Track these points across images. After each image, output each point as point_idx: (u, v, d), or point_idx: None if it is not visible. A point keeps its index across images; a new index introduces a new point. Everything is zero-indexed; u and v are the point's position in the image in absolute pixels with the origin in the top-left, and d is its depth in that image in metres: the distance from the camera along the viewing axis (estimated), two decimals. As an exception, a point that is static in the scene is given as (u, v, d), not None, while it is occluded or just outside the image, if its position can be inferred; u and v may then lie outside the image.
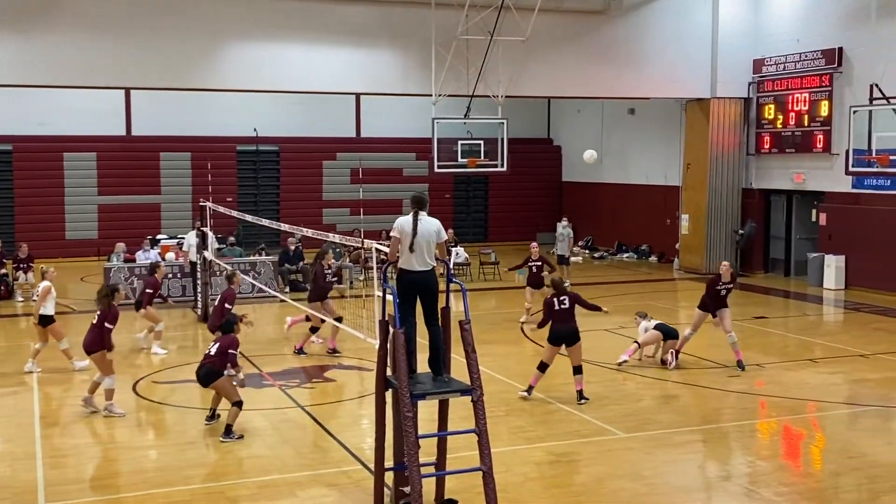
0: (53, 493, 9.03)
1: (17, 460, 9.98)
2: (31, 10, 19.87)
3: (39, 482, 9.32)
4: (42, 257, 23.90)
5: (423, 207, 8.46)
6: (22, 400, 12.57)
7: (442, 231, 8.52)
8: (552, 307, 12.16)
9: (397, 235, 8.38)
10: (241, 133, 29.88)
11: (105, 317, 11.68)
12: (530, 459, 9.98)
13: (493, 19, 21.06)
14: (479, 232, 32.82)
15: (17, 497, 8.90)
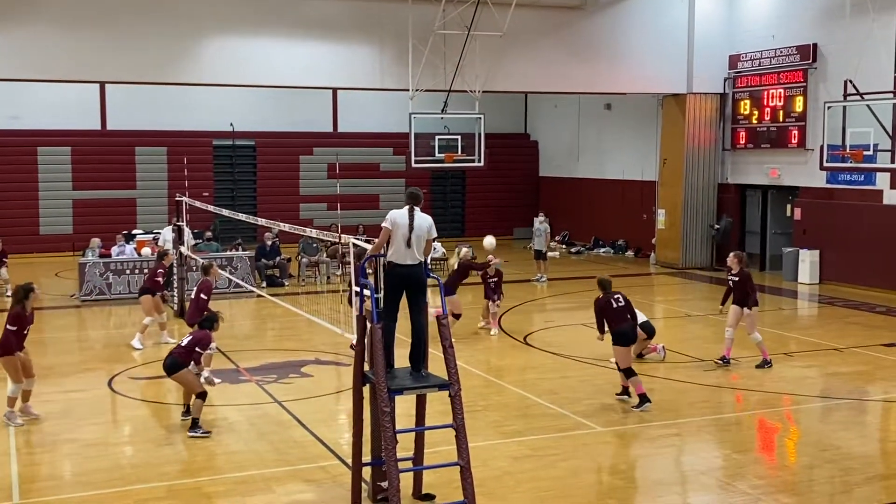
0: (28, 490, 8.95)
1: (-9, 457, 9.89)
2: (6, 4, 19.62)
3: (13, 479, 9.24)
4: (16, 253, 23.67)
5: (418, 203, 8.49)
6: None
7: (433, 228, 8.53)
8: (610, 307, 11.68)
9: (389, 227, 8.36)
10: (217, 128, 29.70)
11: (8, 318, 11.13)
12: (507, 454, 10.00)
13: (470, 14, 21.05)
14: (457, 227, 32.82)
15: (-10, 494, 8.83)
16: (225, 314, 18.81)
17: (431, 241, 8.55)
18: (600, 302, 11.82)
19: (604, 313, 11.75)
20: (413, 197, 8.52)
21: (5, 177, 27.64)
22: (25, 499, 8.74)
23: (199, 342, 10.88)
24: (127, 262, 20.34)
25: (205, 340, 10.94)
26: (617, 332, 11.66)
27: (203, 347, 10.92)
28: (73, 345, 16.21)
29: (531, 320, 18.30)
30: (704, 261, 25.74)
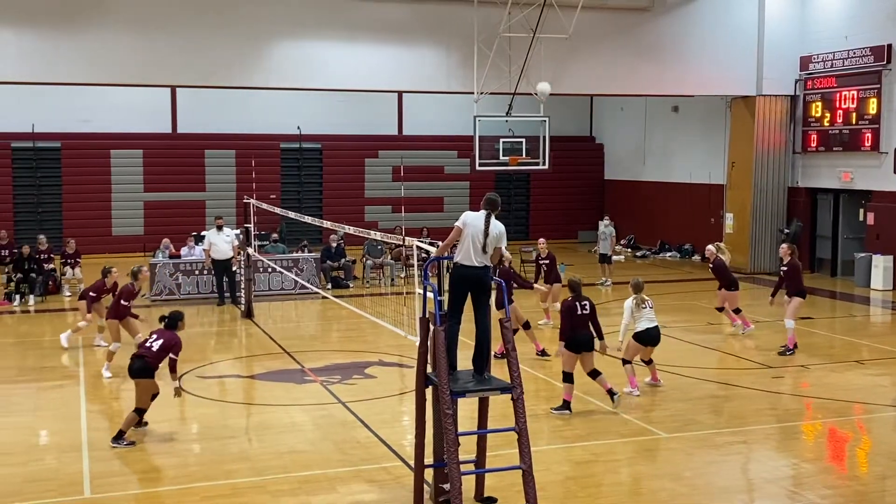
0: (98, 485, 9.18)
1: (64, 452, 10.17)
2: (78, 10, 20.19)
3: (85, 474, 9.48)
4: (89, 253, 24.31)
5: (496, 210, 8.52)
6: (69, 393, 12.80)
7: (504, 237, 8.56)
8: (574, 312, 11.64)
9: (461, 227, 8.40)
10: (285, 131, 30.12)
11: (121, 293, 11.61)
12: (570, 458, 9.95)
13: (535, 16, 20.98)
14: (521, 230, 32.73)
15: (63, 488, 9.07)
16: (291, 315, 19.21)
17: (500, 250, 8.57)
18: (567, 304, 11.69)
19: (570, 316, 11.59)
20: (491, 203, 8.55)
21: (79, 179, 28.41)
22: (96, 493, 8.96)
23: (170, 347, 10.55)
24: (196, 263, 20.74)
25: (177, 346, 10.61)
26: (573, 337, 11.55)
27: (176, 353, 10.59)
28: (143, 343, 16.55)
29: (595, 324, 18.13)
30: (773, 266, 25.22)
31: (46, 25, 20.06)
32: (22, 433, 10.91)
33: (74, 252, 21.56)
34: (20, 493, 8.93)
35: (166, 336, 10.74)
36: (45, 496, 8.86)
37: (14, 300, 19.92)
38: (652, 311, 12.48)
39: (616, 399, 11.66)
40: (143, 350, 10.76)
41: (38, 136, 27.93)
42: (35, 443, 10.71)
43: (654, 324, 12.42)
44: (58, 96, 26.56)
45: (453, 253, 8.55)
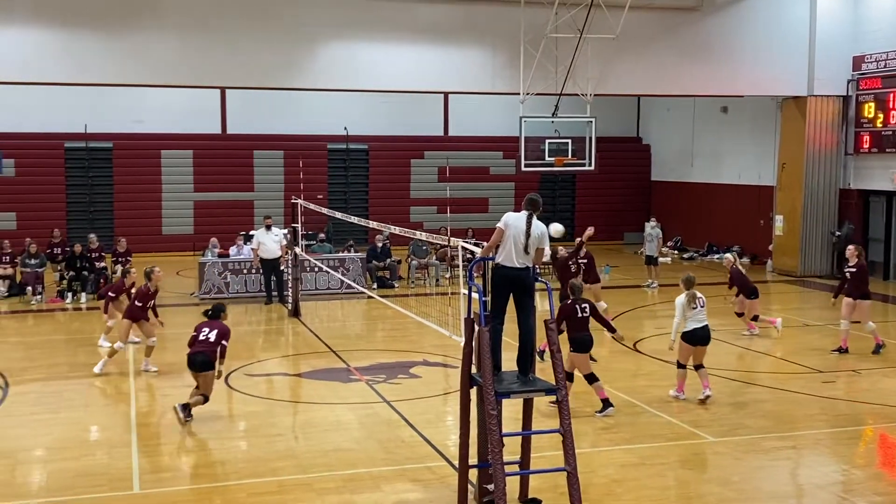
0: (147, 480, 9.33)
1: (114, 448, 10.34)
2: (130, 12, 20.53)
3: (134, 470, 9.63)
4: (139, 252, 24.69)
5: (537, 210, 8.51)
6: (118, 389, 13.02)
7: (546, 237, 8.52)
8: (575, 315, 11.52)
9: (503, 228, 8.40)
10: (332, 132, 30.33)
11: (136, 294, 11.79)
12: (615, 461, 9.88)
13: (582, 17, 20.88)
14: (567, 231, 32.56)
15: (112, 483, 9.23)
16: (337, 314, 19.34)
17: (543, 251, 8.55)
18: (567, 307, 11.64)
19: (567, 318, 11.54)
20: (533, 203, 8.54)
21: (131, 179, 28.88)
22: (145, 489, 9.10)
23: (224, 335, 11.25)
24: (244, 262, 20.97)
25: (228, 334, 11.34)
26: (576, 339, 11.53)
27: (227, 340, 11.28)
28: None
29: (641, 326, 18.02)
30: (824, 268, 24.83)
31: (100, 28, 20.43)
32: (73, 428, 11.13)
33: (125, 251, 21.91)
34: (72, 487, 9.11)
35: (219, 326, 11.29)
36: (95, 491, 9.02)
37: (66, 298, 20.31)
38: (703, 310, 12.10)
39: (608, 411, 11.42)
40: (202, 345, 11.19)
41: (90, 137, 28.45)
42: (86, 438, 10.91)
43: (702, 324, 12.08)
44: (110, 97, 27.01)
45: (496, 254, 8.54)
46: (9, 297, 20.70)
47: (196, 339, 11.33)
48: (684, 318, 12.07)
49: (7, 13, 19.37)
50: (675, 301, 12.21)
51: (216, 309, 11.54)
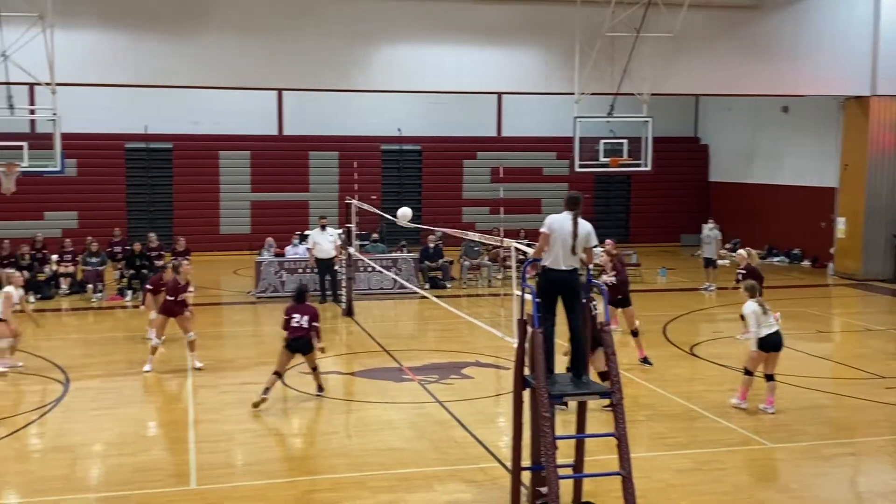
0: (204, 476, 9.44)
1: (171, 444, 10.50)
2: (187, 15, 20.86)
3: (191, 465, 9.76)
4: (197, 251, 25.04)
5: (580, 208, 8.42)
6: (176, 386, 13.22)
7: (592, 236, 8.44)
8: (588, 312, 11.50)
9: (548, 232, 8.32)
10: (386, 133, 30.46)
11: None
12: (671, 466, 9.75)
13: (639, 16, 20.67)
14: (621, 233, 32.28)
15: (170, 479, 9.36)
16: (390, 314, 19.41)
17: (591, 250, 8.46)
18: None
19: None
20: (575, 202, 8.43)
21: (190, 179, 29.34)
22: (201, 485, 9.22)
23: (315, 317, 12.12)
24: (299, 262, 21.15)
25: (317, 314, 12.26)
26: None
27: (318, 321, 12.20)
28: (248, 339, 16.99)
29: (698, 330, 17.77)
30: (887, 272, 24.22)
31: (160, 31, 20.79)
32: (131, 424, 11.32)
33: (184, 249, 22.22)
34: (130, 482, 9.25)
35: (309, 311, 12.15)
36: (153, 486, 9.15)
37: (126, 295, 20.69)
38: (772, 315, 11.76)
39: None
40: (299, 331, 12.00)
41: (150, 138, 28.96)
42: (144, 434, 11.08)
43: (774, 329, 11.62)
44: (170, 99, 27.47)
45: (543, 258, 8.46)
46: (70, 294, 21.16)
47: (289, 323, 12.07)
48: (758, 325, 11.56)
49: (72, 17, 19.81)
50: (745, 310, 11.71)
51: (301, 291, 12.46)
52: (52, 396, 12.44)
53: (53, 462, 9.85)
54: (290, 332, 12.07)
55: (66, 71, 19.17)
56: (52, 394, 12.58)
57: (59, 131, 18.55)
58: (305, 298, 12.42)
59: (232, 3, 21.12)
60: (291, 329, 12.08)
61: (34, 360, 14.20)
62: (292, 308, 12.23)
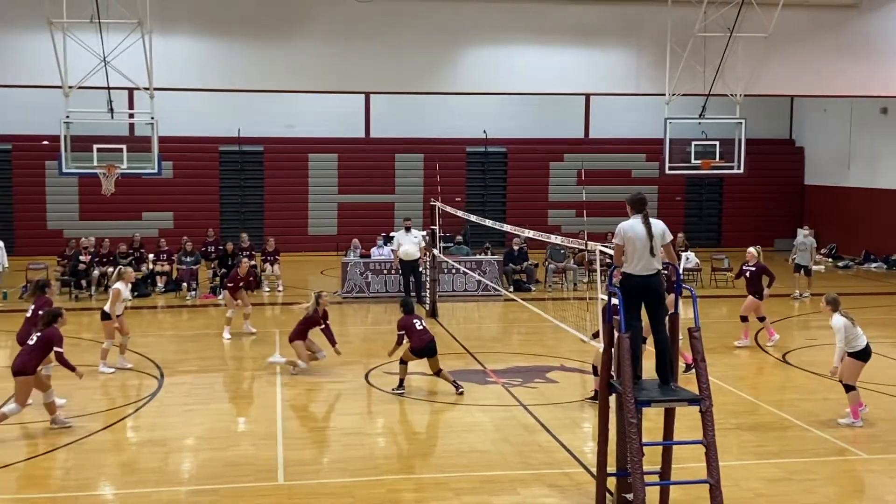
0: (291, 472, 9.60)
1: (260, 440, 10.70)
2: (280, 21, 21.32)
3: (279, 461, 9.94)
4: (287, 251, 25.51)
5: (646, 207, 8.33)
6: (265, 382, 13.48)
7: (668, 232, 8.34)
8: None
9: (621, 243, 8.24)
10: (471, 135, 30.51)
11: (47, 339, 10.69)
12: (761, 475, 9.50)
13: (732, 15, 20.26)
14: (712, 237, 31.68)
15: (258, 474, 9.54)
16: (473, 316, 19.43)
17: (670, 246, 8.33)
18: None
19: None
20: (642, 203, 8.37)
21: (280, 181, 29.92)
22: (289, 481, 9.37)
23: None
24: (385, 263, 21.35)
25: None
26: None
27: None
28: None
29: (791, 337, 17.28)
30: None
31: (253, 37, 21.29)
32: (222, 420, 11.59)
33: (274, 250, 22.70)
34: (219, 476, 9.48)
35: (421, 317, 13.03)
36: (241, 481, 9.35)
37: (218, 294, 21.20)
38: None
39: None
40: (427, 335, 12.63)
41: (243, 141, 29.63)
42: (234, 429, 11.33)
43: (866, 339, 11.26)
44: (262, 103, 28.08)
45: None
46: (165, 292, 21.80)
47: (415, 329, 12.61)
48: (849, 338, 11.14)
49: (169, 23, 20.43)
50: (833, 324, 11.24)
51: (410, 304, 13.19)
52: (148, 391, 12.83)
53: (147, 455, 10.15)
54: (419, 338, 12.52)
55: (164, 76, 19.79)
56: (147, 389, 12.98)
57: (156, 134, 19.15)
58: (414, 309, 13.17)
59: (322, 10, 21.49)
60: (418, 333, 12.56)
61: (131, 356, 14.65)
62: (410, 318, 12.72)
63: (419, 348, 12.52)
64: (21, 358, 10.64)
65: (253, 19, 21.32)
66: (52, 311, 11.00)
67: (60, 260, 22.21)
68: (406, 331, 12.69)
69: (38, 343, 10.66)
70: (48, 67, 18.87)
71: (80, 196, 28.25)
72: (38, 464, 9.84)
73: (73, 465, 9.83)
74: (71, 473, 9.59)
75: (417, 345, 12.52)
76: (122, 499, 9.00)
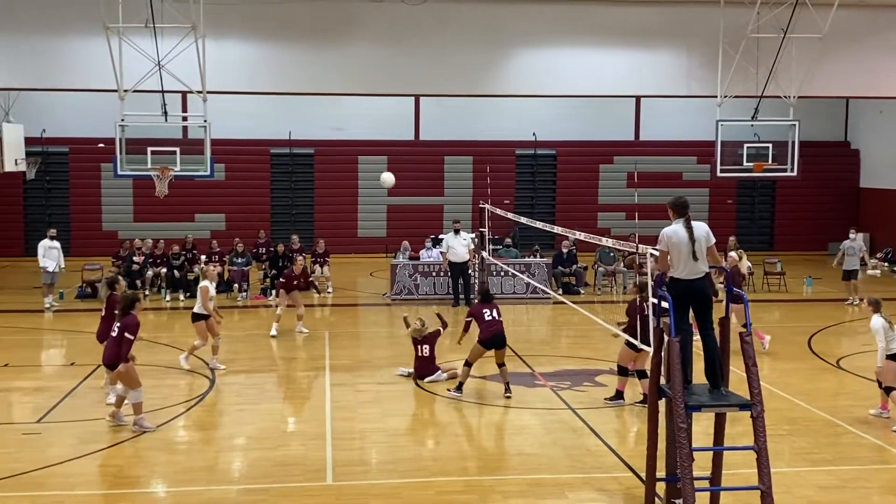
0: (340, 473, 9.67)
1: (309, 440, 10.79)
2: (330, 25, 21.51)
3: (328, 462, 10.02)
4: (336, 253, 25.70)
5: (688, 211, 8.29)
6: (315, 384, 13.60)
7: (710, 234, 8.30)
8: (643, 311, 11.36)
9: (665, 249, 8.21)
10: (521, 137, 30.45)
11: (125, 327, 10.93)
12: (814, 483, 9.35)
13: (786, 15, 19.96)
14: (765, 240, 31.21)
15: (307, 474, 9.63)
16: (522, 318, 19.40)
17: (714, 248, 8.27)
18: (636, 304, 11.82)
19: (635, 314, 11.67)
20: (684, 207, 8.37)
21: (330, 183, 30.15)
22: (337, 481, 9.45)
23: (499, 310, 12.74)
24: (433, 265, 21.40)
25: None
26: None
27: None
28: (383, 340, 17.30)
29: (845, 343, 16.98)
30: None
31: (304, 40, 21.52)
32: (272, 419, 11.71)
33: (324, 251, 22.89)
34: (269, 475, 9.58)
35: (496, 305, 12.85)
36: (291, 480, 9.44)
37: (269, 295, 21.43)
38: None
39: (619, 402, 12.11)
40: (498, 325, 12.55)
41: (294, 143, 29.92)
42: (284, 429, 11.43)
43: None
44: (313, 106, 28.34)
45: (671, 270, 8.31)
46: (217, 293, 22.04)
47: (484, 318, 12.61)
48: (887, 340, 11.23)
49: (222, 27, 20.73)
50: (871, 325, 11.38)
51: (487, 293, 13.41)
52: (199, 391, 13.01)
53: (199, 454, 10.31)
54: (487, 327, 12.53)
55: (216, 79, 20.08)
56: (199, 388, 13.17)
57: (209, 137, 19.45)
58: (492, 297, 13.19)
59: (372, 14, 21.63)
60: (487, 323, 12.54)
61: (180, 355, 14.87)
62: (482, 306, 12.76)
63: (486, 339, 12.49)
64: (109, 351, 11.18)
65: (304, 23, 21.54)
66: (130, 297, 11.32)
67: (115, 261, 22.63)
68: (475, 318, 12.83)
69: (119, 332, 10.98)
70: (104, 72, 19.27)
71: (134, 198, 28.77)
72: (93, 461, 10.04)
73: (125, 462, 10.02)
74: (124, 471, 9.77)
75: (485, 335, 12.51)
76: (174, 496, 9.15)
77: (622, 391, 12.27)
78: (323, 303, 21.25)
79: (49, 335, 17.84)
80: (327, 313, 20.21)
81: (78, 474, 9.64)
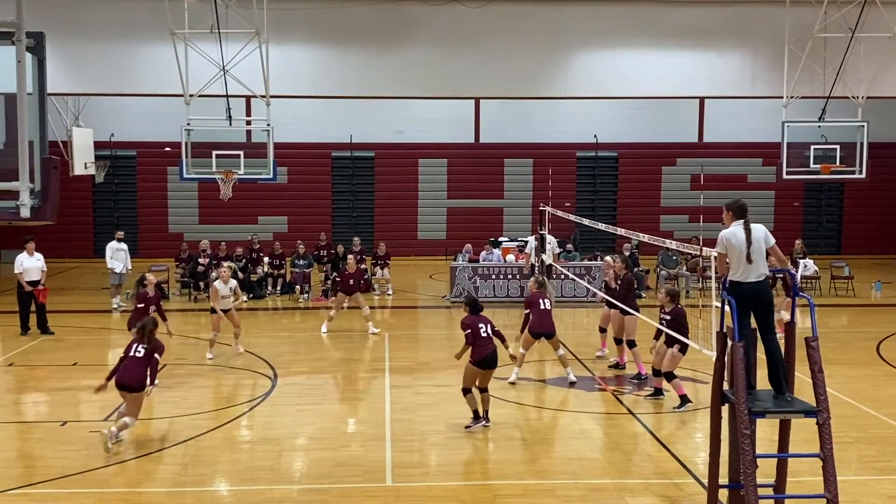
0: (399, 474, 9.71)
1: (369, 441, 10.86)
2: (390, 29, 21.68)
3: (387, 463, 10.07)
4: (397, 255, 25.84)
5: (747, 213, 8.19)
6: (375, 386, 13.68)
7: (769, 235, 8.17)
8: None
9: (723, 252, 8.13)
10: (581, 139, 30.28)
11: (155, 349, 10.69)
12: (882, 492, 9.11)
13: (854, 15, 19.52)
14: (832, 243, 30.54)
15: (367, 475, 9.69)
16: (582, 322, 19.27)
17: (776, 248, 8.12)
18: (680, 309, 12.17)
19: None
20: (743, 210, 8.26)
21: (391, 186, 30.35)
22: (397, 482, 9.49)
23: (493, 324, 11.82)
24: (493, 268, 21.39)
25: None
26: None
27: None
28: (442, 342, 17.31)
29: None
30: None
31: (364, 45, 21.71)
32: (333, 420, 11.81)
33: (384, 254, 23.02)
34: (329, 476, 9.66)
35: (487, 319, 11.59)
36: (350, 481, 9.51)
37: (329, 297, 21.62)
38: None
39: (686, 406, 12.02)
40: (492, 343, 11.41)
41: (355, 147, 30.18)
42: (344, 430, 11.52)
43: None
44: (373, 110, 28.55)
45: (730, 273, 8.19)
46: (280, 294, 22.37)
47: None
48: None
49: (285, 32, 21.02)
50: None
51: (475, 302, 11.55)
52: (261, 391, 13.19)
53: (260, 453, 10.44)
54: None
55: (279, 84, 20.38)
56: (261, 388, 13.35)
57: (272, 141, 19.73)
58: (481, 309, 11.57)
59: (432, 17, 21.73)
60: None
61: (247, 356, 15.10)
62: (476, 319, 11.37)
63: (479, 360, 11.31)
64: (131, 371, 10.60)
65: (364, 28, 21.74)
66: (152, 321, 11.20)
67: (177, 263, 23.07)
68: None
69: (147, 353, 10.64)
70: (171, 77, 19.68)
71: (199, 200, 29.31)
72: (155, 459, 10.24)
73: (189, 461, 10.19)
74: (188, 469, 9.94)
75: (477, 356, 11.37)
76: (236, 495, 9.28)
77: (685, 395, 12.10)
78: (383, 305, 21.38)
79: (116, 335, 18.24)
80: (387, 315, 20.32)
81: (143, 472, 9.84)
